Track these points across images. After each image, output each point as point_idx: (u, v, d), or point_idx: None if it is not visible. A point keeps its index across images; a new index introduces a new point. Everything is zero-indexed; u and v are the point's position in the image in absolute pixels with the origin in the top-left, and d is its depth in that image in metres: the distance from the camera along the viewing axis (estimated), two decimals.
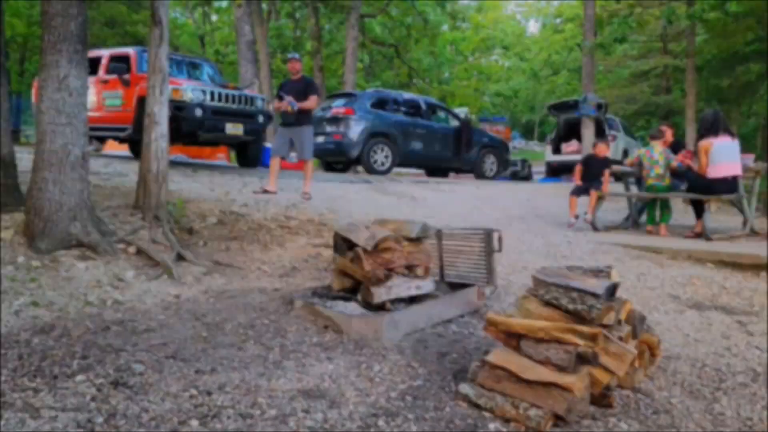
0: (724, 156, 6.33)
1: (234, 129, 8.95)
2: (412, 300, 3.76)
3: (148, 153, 5.27)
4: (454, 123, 13.32)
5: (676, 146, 7.63)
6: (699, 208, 6.79)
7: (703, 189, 6.49)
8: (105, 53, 9.79)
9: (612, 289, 2.69)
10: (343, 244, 3.69)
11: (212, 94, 8.65)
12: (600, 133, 13.90)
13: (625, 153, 14.63)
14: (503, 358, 2.57)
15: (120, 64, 9.11)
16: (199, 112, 8.38)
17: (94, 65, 9.17)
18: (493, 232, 4.19)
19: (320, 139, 10.95)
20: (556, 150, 15.80)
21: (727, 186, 6.35)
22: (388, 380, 2.74)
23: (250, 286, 4.29)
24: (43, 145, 4.32)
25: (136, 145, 9.50)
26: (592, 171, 7.62)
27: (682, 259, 5.61)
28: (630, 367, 2.68)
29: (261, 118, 9.39)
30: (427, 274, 3.90)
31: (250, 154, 10.24)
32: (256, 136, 9.61)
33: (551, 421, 2.36)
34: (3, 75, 4.93)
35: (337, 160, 12.21)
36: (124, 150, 12.21)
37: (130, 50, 9.46)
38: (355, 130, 11.10)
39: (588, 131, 13.85)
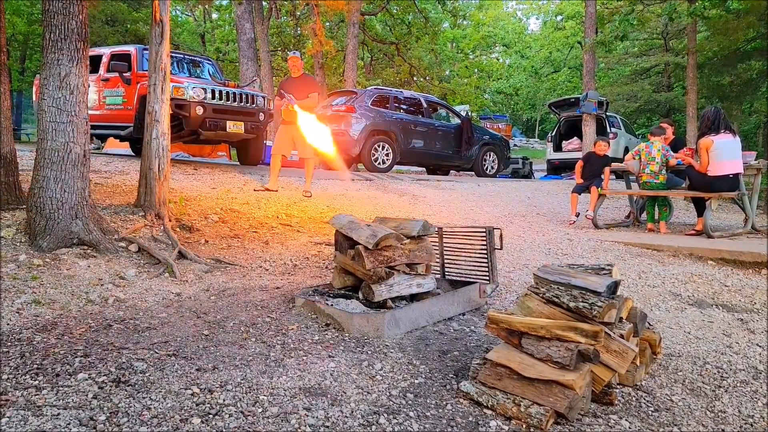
0: (725, 153, 6.32)
1: (235, 127, 8.95)
2: (414, 298, 3.77)
3: (149, 151, 5.28)
4: (455, 121, 13.31)
5: (676, 144, 7.62)
6: (700, 206, 6.79)
7: (704, 186, 6.48)
8: (106, 51, 9.80)
9: (613, 287, 2.69)
10: (345, 242, 3.69)
11: (213, 92, 8.65)
12: (601, 131, 13.90)
13: (626, 151, 14.60)
14: (504, 355, 2.57)
15: (121, 62, 9.11)
16: (200, 110, 8.38)
17: (95, 63, 9.19)
18: (494, 230, 4.19)
19: None
20: (557, 148, 15.79)
21: (728, 183, 6.35)
22: (390, 378, 2.75)
23: (251, 284, 4.29)
24: (44, 144, 4.32)
25: (137, 143, 9.52)
26: (593, 169, 7.62)
27: (683, 256, 5.61)
28: (631, 364, 2.69)
29: (262, 116, 9.39)
30: (429, 271, 3.90)
31: (251, 152, 10.25)
32: (256, 134, 9.62)
33: (552, 419, 2.37)
34: (4, 73, 4.93)
35: None
36: (125, 148, 12.24)
37: (131, 48, 9.47)
38: (356, 128, 11.10)
39: (589, 129, 13.85)
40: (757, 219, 6.99)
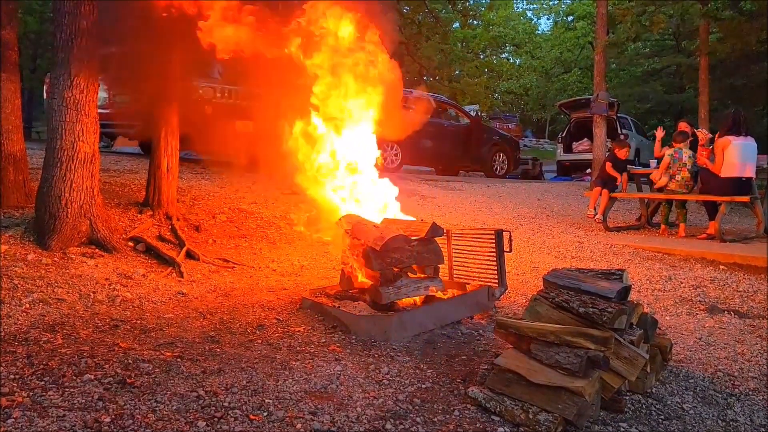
0: (740, 156, 6.24)
1: (244, 126, 8.94)
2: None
3: (157, 150, 5.28)
4: (465, 121, 13.26)
5: (693, 146, 7.51)
6: (713, 210, 6.71)
7: (716, 188, 6.40)
8: None
9: (624, 293, 2.66)
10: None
11: (222, 91, 8.65)
12: (612, 132, 13.76)
13: (637, 153, 14.46)
14: (513, 361, 2.54)
15: None
16: (209, 110, 8.38)
17: None
18: (504, 232, 4.15)
19: None
20: (568, 148, 15.68)
21: (740, 186, 6.27)
22: (397, 382, 2.72)
23: (258, 285, 4.28)
24: (53, 142, 4.33)
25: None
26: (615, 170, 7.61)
27: (694, 260, 5.55)
28: (641, 371, 2.65)
29: None
30: (437, 274, 3.87)
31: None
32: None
33: (561, 426, 2.33)
34: (15, 71, 4.95)
35: None
36: (134, 147, 12.27)
37: None
38: None
39: (599, 130, 13.70)
40: None
